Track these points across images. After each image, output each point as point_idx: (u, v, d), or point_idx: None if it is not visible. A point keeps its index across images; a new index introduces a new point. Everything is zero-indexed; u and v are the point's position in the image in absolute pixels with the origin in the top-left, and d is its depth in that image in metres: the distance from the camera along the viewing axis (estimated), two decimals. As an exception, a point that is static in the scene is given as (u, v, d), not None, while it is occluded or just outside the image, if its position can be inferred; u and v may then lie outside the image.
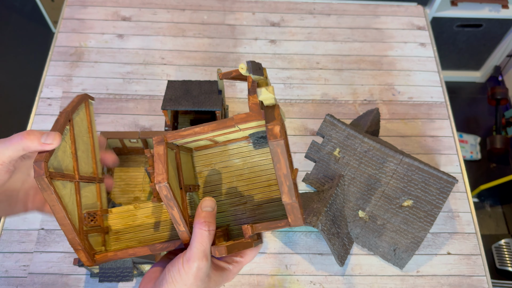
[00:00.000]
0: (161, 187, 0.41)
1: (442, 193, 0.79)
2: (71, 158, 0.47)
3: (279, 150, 0.39)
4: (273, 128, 0.39)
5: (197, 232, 0.42)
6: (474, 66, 2.05)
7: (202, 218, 0.42)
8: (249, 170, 0.49)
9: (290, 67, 1.08)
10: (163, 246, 0.45)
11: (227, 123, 0.42)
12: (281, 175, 0.40)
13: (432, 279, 0.82)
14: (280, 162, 0.40)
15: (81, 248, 0.44)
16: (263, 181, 0.49)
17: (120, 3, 1.16)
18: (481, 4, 1.68)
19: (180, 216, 0.42)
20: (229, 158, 0.50)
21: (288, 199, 0.41)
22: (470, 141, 1.93)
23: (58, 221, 0.43)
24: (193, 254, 0.41)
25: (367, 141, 0.82)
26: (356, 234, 0.83)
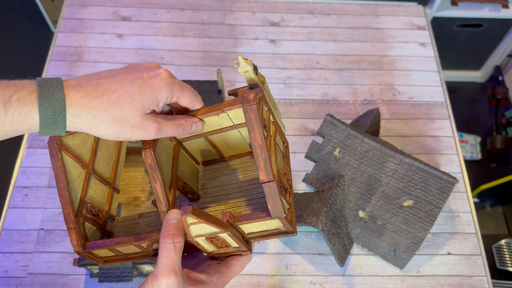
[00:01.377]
0: (146, 154, 0.40)
1: (443, 193, 0.79)
2: (89, 151, 0.47)
3: (253, 115, 0.38)
4: (248, 94, 0.39)
5: (162, 246, 0.40)
6: (474, 66, 2.05)
7: (166, 232, 0.40)
8: (249, 182, 0.49)
9: (290, 67, 1.08)
10: (148, 235, 0.43)
11: (216, 107, 0.43)
12: (256, 146, 0.38)
13: (433, 279, 0.82)
14: (255, 130, 0.38)
15: (73, 227, 0.43)
16: (260, 192, 0.48)
17: (120, 3, 1.16)
18: (482, 4, 1.68)
19: (162, 192, 0.41)
20: (232, 172, 0.50)
21: (265, 176, 0.38)
22: (471, 141, 1.93)
23: (58, 191, 0.43)
24: (159, 270, 0.39)
25: (367, 141, 0.82)
26: (356, 234, 0.82)
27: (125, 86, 0.38)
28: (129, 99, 0.38)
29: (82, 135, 0.46)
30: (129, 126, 0.39)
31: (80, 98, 0.37)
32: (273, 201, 0.39)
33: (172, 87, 0.40)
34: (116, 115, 0.38)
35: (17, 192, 0.87)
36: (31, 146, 0.92)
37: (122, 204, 0.84)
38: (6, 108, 0.35)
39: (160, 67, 0.42)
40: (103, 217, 0.49)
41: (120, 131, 0.39)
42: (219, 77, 0.83)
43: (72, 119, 0.37)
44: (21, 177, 0.89)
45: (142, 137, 0.40)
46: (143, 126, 0.39)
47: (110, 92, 0.38)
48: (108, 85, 0.38)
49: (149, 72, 0.40)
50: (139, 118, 0.39)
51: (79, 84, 0.38)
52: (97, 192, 0.49)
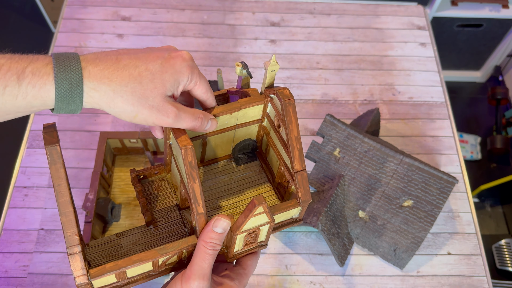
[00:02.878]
0: (188, 151, 0.37)
1: (443, 193, 0.79)
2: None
3: (291, 109, 0.40)
4: (283, 90, 0.41)
5: (201, 250, 0.38)
6: (474, 66, 2.05)
7: (209, 238, 0.38)
8: (237, 184, 0.49)
9: (290, 67, 1.08)
10: (174, 245, 0.39)
11: (232, 105, 0.43)
12: (293, 138, 0.40)
13: (433, 279, 0.82)
14: (292, 122, 0.40)
15: (78, 251, 0.36)
16: (253, 191, 0.48)
17: (120, 3, 1.16)
18: (482, 4, 1.68)
19: (201, 193, 0.38)
20: (215, 176, 0.49)
21: (299, 165, 0.41)
22: (471, 141, 1.93)
23: (60, 207, 0.36)
24: (193, 272, 0.38)
25: (367, 141, 0.82)
26: (356, 234, 0.82)
27: (147, 63, 0.37)
28: (150, 76, 0.37)
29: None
30: (148, 106, 0.37)
31: (99, 71, 0.35)
32: (303, 189, 0.41)
33: (192, 70, 0.39)
34: (136, 91, 0.36)
35: (17, 192, 0.87)
36: (31, 146, 0.92)
37: (122, 204, 0.84)
38: (19, 81, 0.33)
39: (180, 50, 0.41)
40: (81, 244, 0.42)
41: (138, 110, 0.37)
42: (219, 77, 0.83)
43: (90, 93, 0.35)
44: (21, 177, 0.89)
45: (160, 121, 0.38)
46: (162, 109, 0.37)
47: (131, 67, 0.36)
48: (129, 61, 0.37)
49: (171, 52, 0.39)
50: (159, 99, 0.37)
51: (97, 58, 0.36)
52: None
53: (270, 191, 0.48)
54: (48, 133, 0.37)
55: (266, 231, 0.42)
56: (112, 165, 0.88)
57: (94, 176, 0.79)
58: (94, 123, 0.96)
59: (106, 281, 0.39)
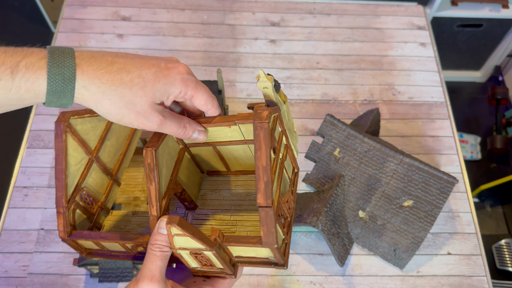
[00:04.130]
0: (147, 153, 0.39)
1: (443, 193, 0.79)
2: (97, 138, 0.46)
3: (262, 134, 0.37)
4: (261, 112, 0.38)
5: (149, 252, 0.39)
6: (474, 66, 2.05)
7: (154, 240, 0.39)
8: (249, 202, 0.47)
9: (290, 67, 1.08)
10: (133, 236, 0.42)
11: (228, 118, 0.42)
12: (260, 167, 0.37)
13: (433, 279, 0.82)
14: (261, 149, 0.37)
15: (62, 212, 0.42)
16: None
17: (120, 3, 1.16)
18: (482, 4, 1.68)
19: (155, 195, 0.39)
20: (235, 187, 0.49)
21: (263, 201, 0.36)
22: (471, 141, 1.93)
23: (55, 174, 0.41)
24: (142, 274, 0.38)
25: (367, 141, 0.82)
26: (356, 234, 0.82)
27: (140, 70, 0.37)
28: (142, 83, 0.37)
29: (93, 121, 0.45)
30: (135, 111, 0.38)
31: (92, 70, 0.36)
32: (266, 228, 0.36)
33: (187, 83, 0.39)
34: (125, 96, 0.37)
35: (17, 192, 0.87)
36: (31, 146, 0.92)
37: (122, 204, 0.84)
38: (13, 75, 0.34)
39: (180, 62, 0.41)
40: (97, 207, 0.48)
41: (124, 114, 0.38)
42: (219, 77, 0.83)
43: (80, 90, 0.36)
44: (21, 177, 0.89)
45: (144, 126, 0.39)
46: (149, 116, 0.38)
47: (124, 72, 0.37)
48: (124, 65, 0.37)
49: (167, 63, 0.39)
50: (147, 106, 0.38)
51: (93, 57, 0.37)
52: (96, 181, 0.48)
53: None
54: (63, 112, 0.42)
55: (214, 258, 0.39)
56: (112, 165, 0.88)
57: (94, 176, 0.79)
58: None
59: (90, 245, 0.45)
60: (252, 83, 1.04)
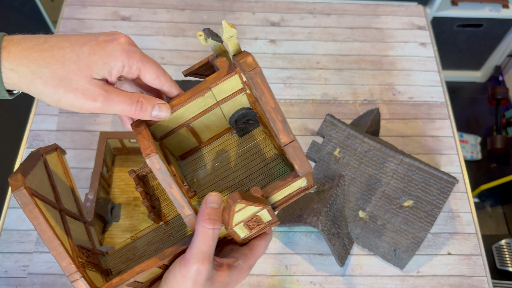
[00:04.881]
0: (152, 160, 0.35)
1: (443, 193, 0.79)
2: (50, 189, 0.41)
3: (259, 79, 0.35)
4: (245, 59, 0.35)
5: (200, 230, 0.35)
6: (474, 66, 2.05)
7: (206, 215, 0.35)
8: (241, 158, 0.45)
9: (290, 67, 1.08)
10: (173, 249, 0.38)
11: (201, 87, 0.39)
12: (270, 110, 0.36)
13: (433, 280, 0.82)
14: (265, 94, 0.35)
15: (79, 277, 0.37)
16: (260, 163, 0.45)
17: (120, 3, 1.16)
18: (482, 4, 1.68)
19: (181, 195, 0.37)
20: (217, 154, 0.46)
21: (286, 138, 0.36)
22: (471, 141, 1.93)
23: (46, 244, 0.36)
24: (192, 255, 0.35)
25: (367, 141, 0.82)
26: (356, 234, 0.82)
27: (74, 45, 0.34)
28: (75, 57, 0.33)
29: (37, 174, 0.39)
30: (71, 88, 0.33)
31: (19, 51, 0.33)
32: (299, 159, 0.36)
33: (129, 54, 0.35)
34: (57, 73, 0.33)
35: (17, 192, 0.87)
36: (31, 146, 0.92)
37: (122, 204, 0.84)
38: None
39: (123, 34, 0.36)
40: (95, 256, 0.43)
41: (60, 94, 0.34)
42: None
43: (8, 74, 0.33)
44: (21, 177, 0.89)
45: (87, 106, 0.35)
46: (88, 92, 0.34)
47: (56, 48, 0.34)
48: (57, 42, 0.34)
49: (106, 36, 0.35)
50: (84, 82, 0.34)
51: (24, 38, 0.34)
52: (78, 231, 0.43)
53: (277, 160, 0.45)
54: (13, 177, 0.36)
55: (267, 213, 0.39)
56: (112, 165, 0.88)
57: (94, 176, 0.79)
58: (94, 123, 0.96)
59: None
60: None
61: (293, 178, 0.38)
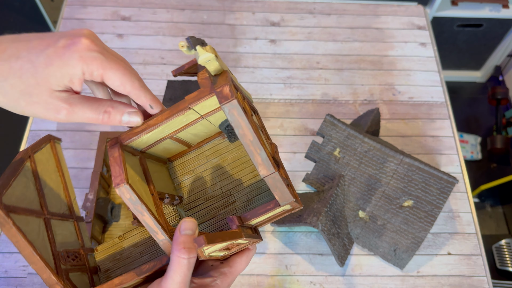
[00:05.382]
0: (122, 190, 0.34)
1: (443, 193, 0.79)
2: (36, 194, 0.40)
3: (236, 112, 0.34)
4: (221, 89, 0.34)
5: (175, 261, 0.34)
6: (474, 66, 2.05)
7: (181, 244, 0.34)
8: (230, 166, 0.44)
9: (290, 67, 1.08)
10: (149, 266, 0.38)
11: (179, 107, 0.37)
12: (248, 144, 0.34)
13: (433, 280, 0.82)
14: (242, 126, 0.34)
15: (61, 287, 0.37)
16: (248, 173, 0.44)
17: (120, 3, 1.16)
18: (482, 4, 1.68)
19: (154, 222, 0.36)
20: (206, 159, 0.45)
21: (265, 171, 0.35)
22: (471, 141, 1.93)
23: (26, 259, 0.36)
24: (169, 286, 0.34)
25: (367, 141, 0.82)
26: (356, 234, 0.82)
27: (31, 54, 0.32)
28: (32, 70, 0.31)
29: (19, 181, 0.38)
30: (33, 102, 0.32)
31: None
32: (279, 191, 0.36)
33: (88, 61, 0.32)
34: (16, 87, 0.32)
35: (17, 192, 0.87)
36: (31, 146, 0.92)
37: (122, 204, 0.84)
38: None
39: (86, 35, 0.33)
40: (82, 256, 0.43)
41: (23, 107, 0.32)
42: None
43: None
44: (21, 177, 0.89)
45: (51, 118, 0.33)
46: (50, 106, 0.32)
47: (13, 58, 0.32)
48: (16, 50, 0.32)
49: (68, 39, 0.32)
50: (45, 96, 0.32)
51: None
52: (65, 234, 0.43)
53: None
54: None
55: (244, 240, 0.38)
56: (112, 165, 0.88)
57: (94, 176, 0.79)
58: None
59: None
60: (252, 83, 1.04)
61: (274, 206, 0.37)
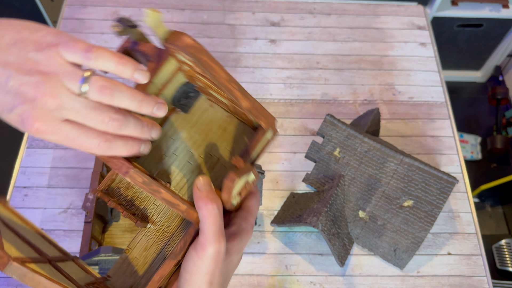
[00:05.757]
0: (132, 175, 0.35)
1: (443, 193, 0.79)
2: (25, 245, 0.38)
3: (205, 57, 0.35)
4: (181, 40, 0.34)
5: (205, 214, 0.35)
6: (474, 66, 2.05)
7: (205, 197, 0.36)
8: (197, 132, 0.44)
9: (290, 67, 1.08)
10: (181, 245, 0.38)
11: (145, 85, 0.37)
12: (225, 83, 0.35)
13: (433, 280, 0.82)
14: (215, 69, 0.35)
15: None
16: (217, 130, 0.44)
17: (120, 3, 1.16)
18: (482, 4, 1.68)
19: (172, 195, 0.37)
20: (173, 139, 0.45)
21: (246, 102, 0.36)
22: (471, 141, 1.93)
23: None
24: (207, 239, 0.35)
25: (367, 141, 0.82)
26: (356, 234, 0.82)
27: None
28: None
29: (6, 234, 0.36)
30: None
31: None
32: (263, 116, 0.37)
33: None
34: None
35: (17, 192, 0.87)
36: (31, 146, 0.92)
37: (122, 204, 0.84)
38: None
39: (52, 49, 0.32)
40: (101, 284, 0.42)
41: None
42: None
43: None
44: (21, 177, 0.89)
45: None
46: None
47: None
48: None
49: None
50: None
51: None
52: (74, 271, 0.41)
53: (232, 121, 0.44)
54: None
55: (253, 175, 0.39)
56: (112, 165, 0.88)
57: (94, 176, 0.79)
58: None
59: None
60: (252, 83, 1.04)
61: (263, 133, 0.38)
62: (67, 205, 0.86)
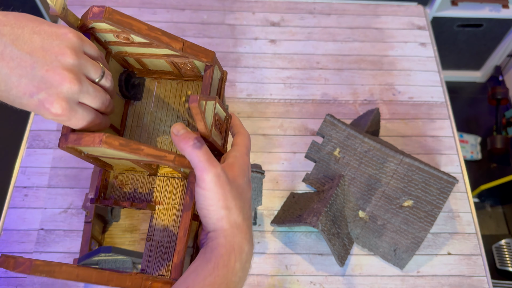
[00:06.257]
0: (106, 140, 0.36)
1: (443, 193, 0.79)
2: None
3: (118, 15, 0.38)
4: (89, 10, 0.38)
5: (190, 151, 0.37)
6: (474, 66, 2.05)
7: (184, 137, 0.37)
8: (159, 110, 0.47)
9: (290, 67, 1.08)
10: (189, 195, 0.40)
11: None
12: (148, 33, 0.37)
13: (433, 280, 0.82)
14: (133, 24, 0.37)
15: None
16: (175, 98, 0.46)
17: (120, 3, 1.16)
18: (482, 4, 1.68)
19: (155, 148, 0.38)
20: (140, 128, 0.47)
21: (177, 43, 0.38)
22: (471, 141, 1.93)
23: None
24: (201, 168, 0.37)
25: (367, 141, 0.82)
26: (356, 234, 0.82)
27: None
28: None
29: None
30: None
31: None
32: (201, 52, 0.39)
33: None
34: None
35: (17, 192, 0.87)
36: (31, 146, 0.92)
37: (122, 204, 0.84)
38: None
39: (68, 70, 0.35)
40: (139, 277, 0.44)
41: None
42: None
43: None
44: (21, 177, 0.89)
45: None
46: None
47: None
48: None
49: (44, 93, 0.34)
50: None
51: None
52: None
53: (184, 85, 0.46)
54: None
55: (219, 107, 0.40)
56: (112, 165, 0.88)
57: (94, 176, 0.79)
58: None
59: None
60: (252, 83, 1.04)
61: (210, 72, 0.40)
62: (67, 205, 0.86)
